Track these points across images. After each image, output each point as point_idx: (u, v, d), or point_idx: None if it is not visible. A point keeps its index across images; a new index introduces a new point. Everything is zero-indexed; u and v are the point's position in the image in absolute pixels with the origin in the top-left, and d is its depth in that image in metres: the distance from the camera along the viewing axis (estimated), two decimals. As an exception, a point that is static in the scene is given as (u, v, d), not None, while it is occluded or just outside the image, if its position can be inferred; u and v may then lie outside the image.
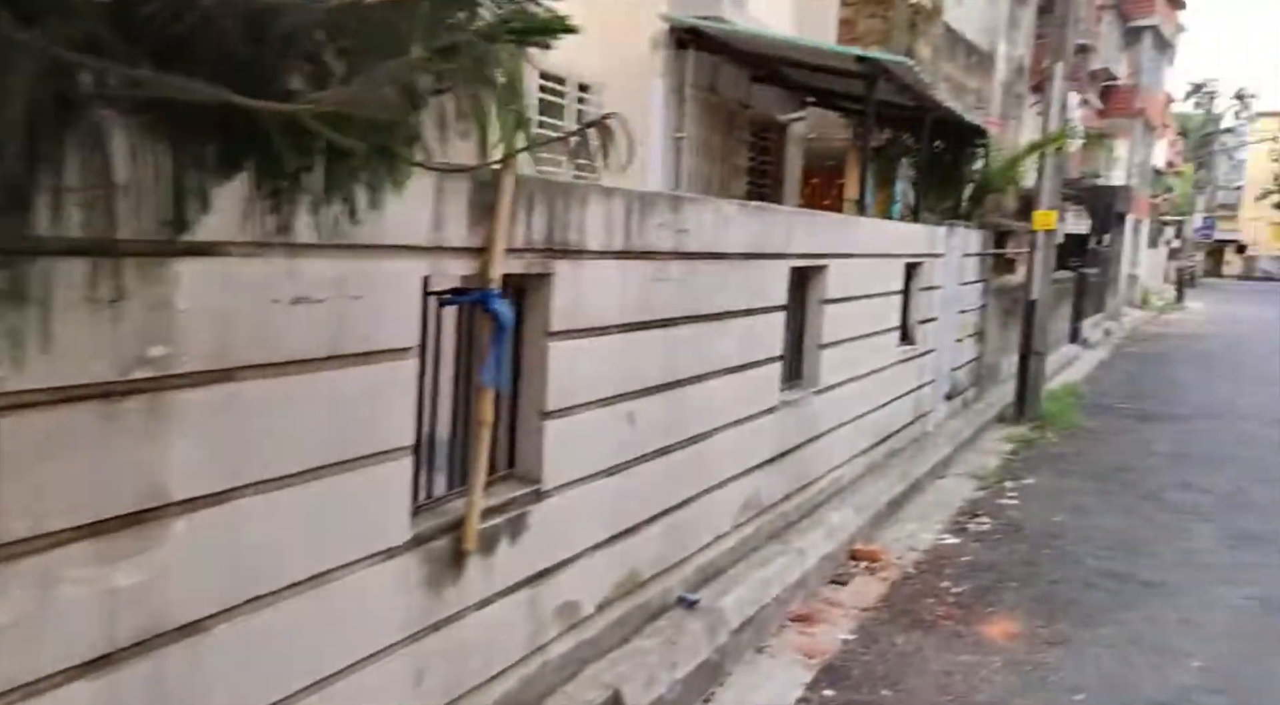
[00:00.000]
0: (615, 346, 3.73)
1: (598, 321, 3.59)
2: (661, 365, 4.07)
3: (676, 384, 4.20)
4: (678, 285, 4.13)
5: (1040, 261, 10.95)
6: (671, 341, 4.13)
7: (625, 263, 3.74)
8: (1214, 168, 52.23)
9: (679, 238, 4.10)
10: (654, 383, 4.02)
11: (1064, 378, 14.73)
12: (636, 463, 3.94)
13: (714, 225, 4.43)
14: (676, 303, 4.14)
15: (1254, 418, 11.50)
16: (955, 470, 8.35)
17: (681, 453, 4.31)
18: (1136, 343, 21.36)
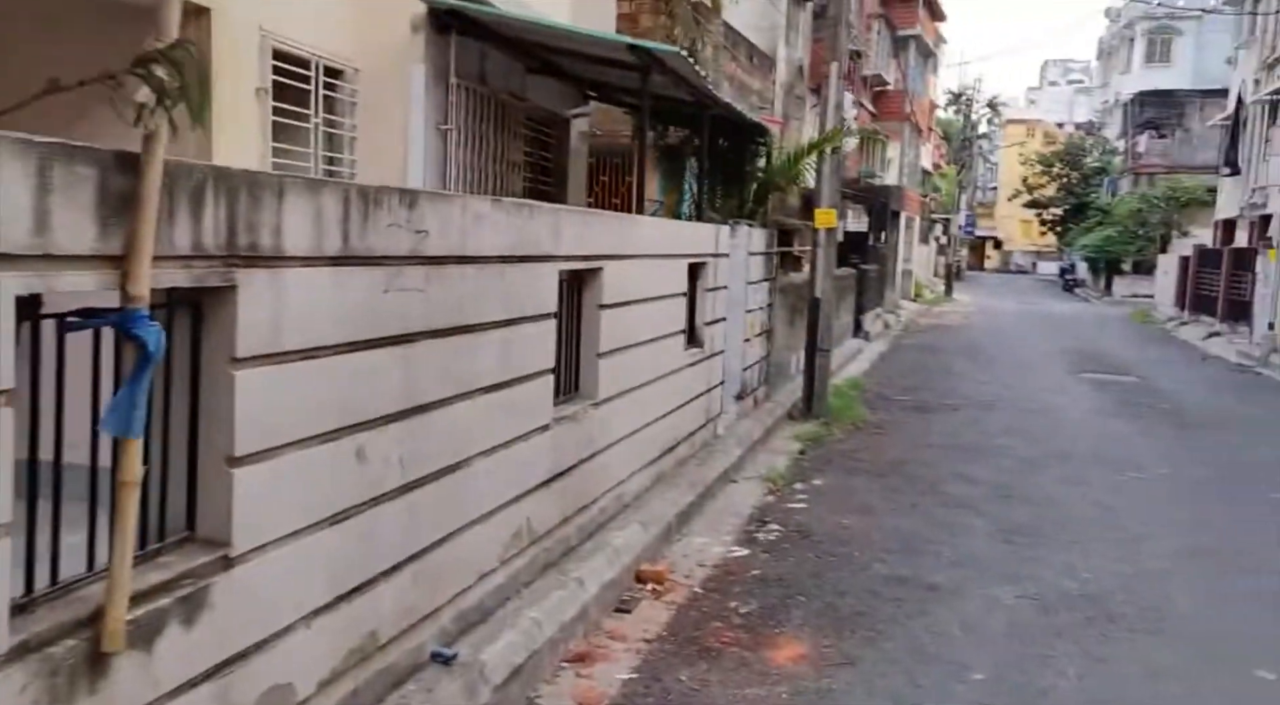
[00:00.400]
0: (334, 371, 3.10)
1: (307, 342, 2.95)
2: (400, 389, 3.47)
3: (421, 409, 3.62)
4: (417, 295, 3.54)
5: (823, 259, 11.10)
6: (412, 361, 3.54)
7: (344, 270, 3.12)
8: (973, 169, 56.71)
9: (417, 240, 3.51)
10: (391, 410, 3.42)
11: (849, 372, 15.20)
12: (370, 506, 3.33)
13: (464, 225, 3.87)
14: (417, 315, 3.55)
15: (1015, 406, 12.19)
16: (746, 474, 8.19)
17: (431, 487, 3.73)
18: (912, 334, 22.57)
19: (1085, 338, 22.69)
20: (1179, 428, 10.99)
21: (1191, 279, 27.35)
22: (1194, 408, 12.51)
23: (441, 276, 3.70)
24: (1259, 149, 26.21)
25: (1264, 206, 25.49)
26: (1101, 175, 51.20)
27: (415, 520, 3.63)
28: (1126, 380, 15.14)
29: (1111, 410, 12.04)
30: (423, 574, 3.70)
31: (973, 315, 29.47)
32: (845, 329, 17.99)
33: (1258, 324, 19.62)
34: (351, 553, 3.24)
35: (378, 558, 3.41)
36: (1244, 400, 13.62)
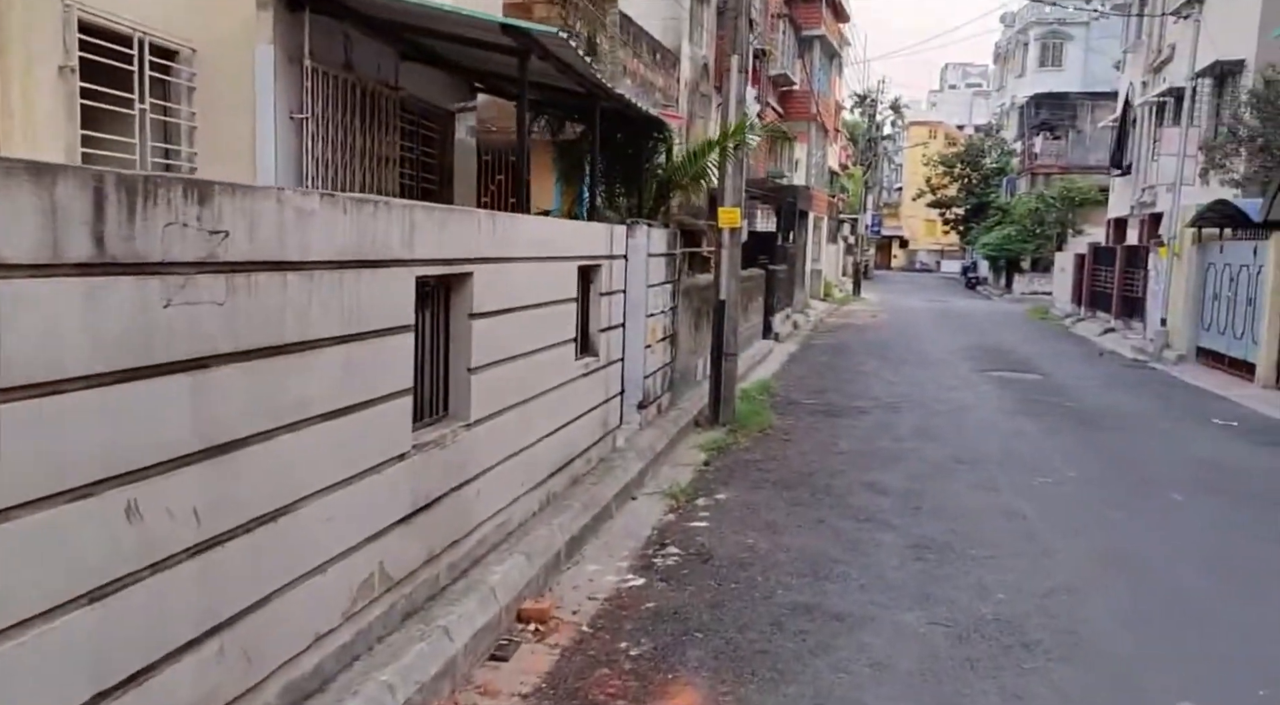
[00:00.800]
0: (89, 408, 2.46)
1: (41, 375, 2.31)
2: (192, 426, 2.84)
3: (224, 448, 2.98)
4: (215, 310, 2.91)
5: (727, 260, 10.70)
6: (210, 390, 2.91)
7: (100, 282, 2.47)
8: (879, 170, 57.68)
9: (213, 243, 2.88)
10: (178, 453, 2.78)
11: (758, 375, 14.88)
12: (149, 573, 2.68)
13: (282, 224, 3.24)
14: (215, 334, 2.92)
15: (923, 406, 12.00)
16: (647, 489, 7.70)
17: (243, 541, 3.10)
18: (821, 334, 22.49)
19: (988, 335, 22.97)
20: (1082, 426, 10.92)
21: (1087, 276, 28.06)
22: (1095, 405, 12.53)
23: (251, 287, 3.07)
24: (1147, 149, 27.04)
25: (1153, 205, 26.28)
26: (1000, 175, 52.58)
27: (220, 583, 2.99)
28: (1029, 377, 15.20)
29: (1017, 409, 11.96)
30: (234, 645, 3.07)
31: (880, 314, 29.70)
32: (755, 330, 17.72)
33: (1150, 320, 20.09)
34: (123, 633, 2.60)
35: (166, 634, 2.76)
36: (1140, 396, 13.76)
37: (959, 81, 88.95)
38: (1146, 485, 8.12)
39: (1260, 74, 18.06)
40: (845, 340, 20.99)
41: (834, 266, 45.01)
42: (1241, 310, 15.50)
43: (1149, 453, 9.60)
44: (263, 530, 3.20)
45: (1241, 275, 15.63)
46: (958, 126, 74.60)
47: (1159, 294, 19.41)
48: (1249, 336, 15.13)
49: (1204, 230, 17.61)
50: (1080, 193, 38.71)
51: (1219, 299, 16.62)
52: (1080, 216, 38.82)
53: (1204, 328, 17.28)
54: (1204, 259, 17.51)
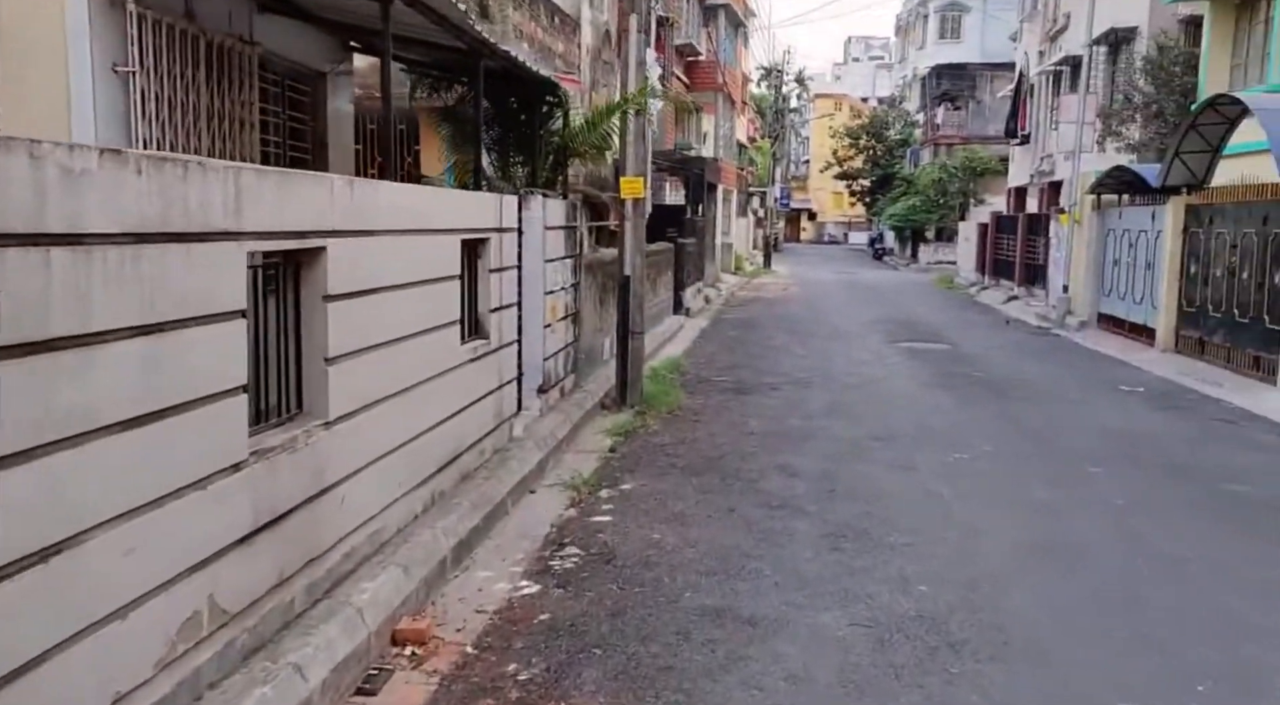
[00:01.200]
0: None
1: None
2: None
3: (-41, 478, 2.30)
4: (-68, 298, 2.22)
5: (631, 233, 10.15)
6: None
7: None
8: (786, 142, 57.86)
9: (-75, 209, 2.18)
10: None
11: (668, 352, 14.42)
12: None
13: (40, 188, 2.55)
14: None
15: (835, 380, 11.72)
16: (548, 481, 7.14)
17: None
18: (733, 309, 22.21)
19: (897, 305, 23.03)
20: (993, 397, 10.78)
21: (990, 245, 28.47)
22: (1004, 374, 12.46)
23: (-8, 267, 2.38)
24: (1045, 118, 27.48)
25: (1052, 173, 26.75)
26: (904, 147, 53.28)
27: (-39, 651, 2.33)
28: (939, 348, 15.12)
29: (929, 380, 11.78)
30: (-11, 726, 2.41)
31: (791, 287, 29.64)
32: (664, 306, 17.27)
33: (1053, 287, 20.36)
34: None
35: None
36: (1047, 364, 13.79)
37: (862, 54, 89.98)
38: (1063, 458, 7.93)
39: (1153, 40, 18.32)
40: (756, 314, 20.73)
41: (744, 240, 44.95)
42: (1141, 275, 15.71)
43: (1061, 423, 9.47)
44: (27, 576, 2.53)
45: (1140, 240, 15.82)
46: (862, 99, 75.47)
47: (1060, 261, 19.65)
48: (1148, 301, 15.33)
49: (1103, 196, 17.82)
50: (981, 163, 39.37)
51: (1119, 265, 16.85)
52: (982, 186, 39.51)
53: (1105, 293, 17.52)
54: (1104, 225, 17.73)
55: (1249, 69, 16.10)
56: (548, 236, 8.50)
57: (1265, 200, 11.73)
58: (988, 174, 39.36)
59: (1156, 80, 17.91)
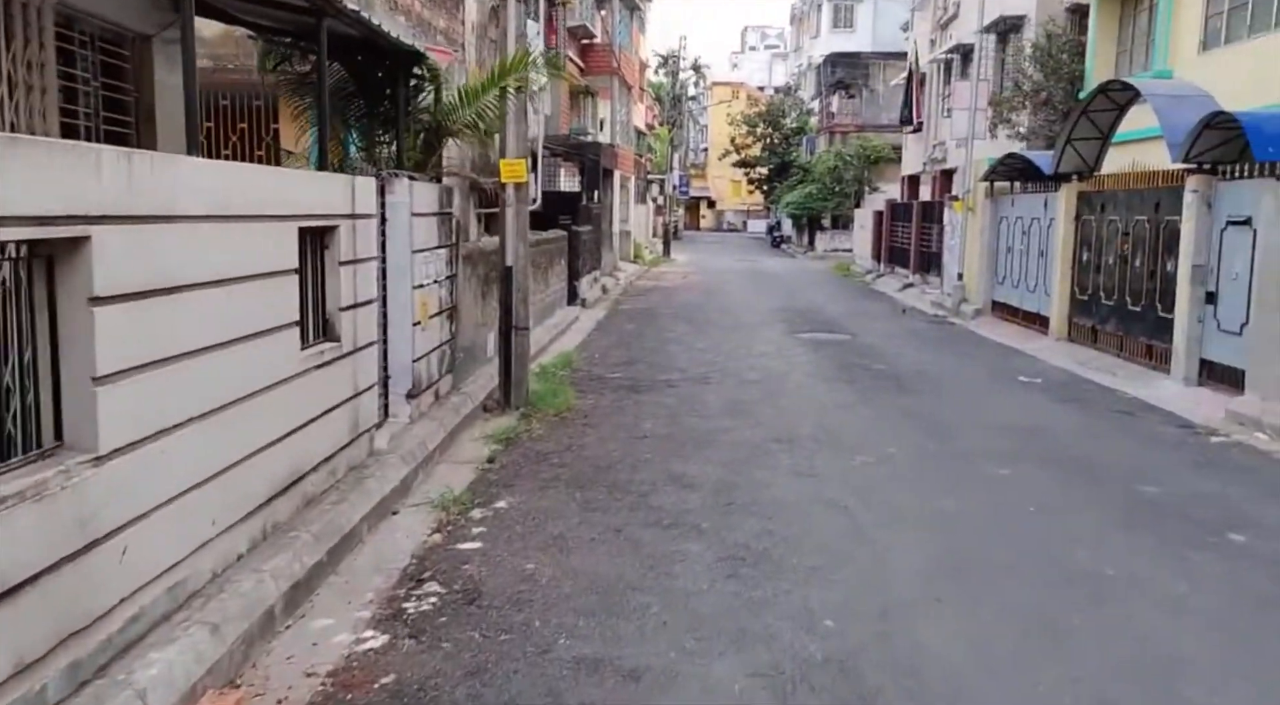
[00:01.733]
0: None
1: None
2: None
3: None
4: None
5: (513, 220, 9.36)
6: None
7: None
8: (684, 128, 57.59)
9: None
10: None
11: (562, 345, 13.68)
12: None
13: None
14: None
15: (734, 376, 11.19)
16: (414, 499, 6.35)
17: None
18: (631, 298, 21.58)
19: (795, 294, 22.80)
20: (895, 391, 10.41)
21: (886, 232, 28.60)
22: (904, 366, 12.15)
23: None
24: (938, 106, 27.70)
25: (944, 161, 26.98)
26: (800, 135, 53.61)
27: None
28: (839, 338, 14.80)
29: (830, 374, 11.35)
30: None
31: (690, 275, 29.21)
32: (558, 297, 16.49)
33: (947, 274, 20.39)
34: None
35: None
36: (945, 354, 13.59)
37: (758, 43, 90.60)
38: (970, 460, 7.53)
39: (1042, 28, 18.42)
40: (655, 304, 20.14)
41: (644, 227, 44.43)
42: (1034, 263, 15.70)
43: (965, 419, 9.12)
44: None
45: (1033, 228, 15.82)
46: (759, 88, 75.89)
47: (955, 249, 19.66)
48: (1042, 289, 15.33)
49: (996, 184, 17.83)
50: (875, 151, 39.76)
51: (1012, 252, 16.85)
52: (876, 174, 39.92)
53: (999, 281, 17.54)
54: (997, 212, 17.74)
55: (1134, 56, 16.26)
56: (416, 224, 7.64)
57: (1157, 187, 11.69)
58: (881, 162, 39.79)
59: (1045, 68, 18.00)
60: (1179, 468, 7.43)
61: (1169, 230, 11.26)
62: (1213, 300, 10.34)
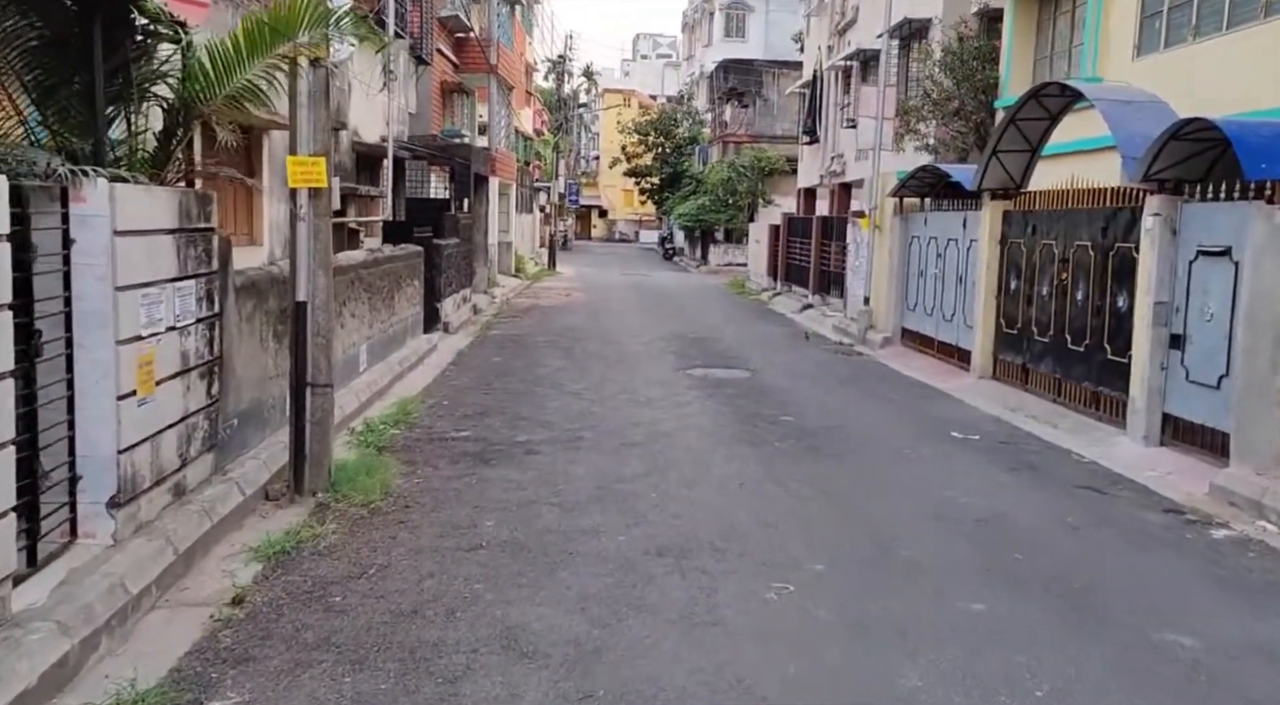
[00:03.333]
0: None
1: None
2: None
3: None
4: None
5: (307, 239, 6.89)
6: None
7: None
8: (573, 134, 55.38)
9: None
10: None
11: (405, 388, 11.20)
12: None
13: None
14: None
15: (612, 436, 8.95)
16: (70, 700, 3.86)
17: None
18: (505, 319, 19.16)
19: (689, 315, 20.80)
20: (810, 456, 8.37)
21: (782, 248, 26.96)
22: (817, 416, 10.16)
23: None
24: (835, 116, 26.24)
25: (842, 174, 25.52)
26: (693, 145, 52.11)
27: None
28: (738, 376, 12.76)
29: (730, 431, 9.24)
30: None
31: (575, 291, 26.94)
32: (411, 323, 13.93)
33: (852, 298, 18.72)
34: None
35: None
36: (859, 395, 11.72)
37: (650, 52, 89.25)
38: (926, 583, 5.46)
39: (953, 30, 16.93)
40: (530, 328, 17.78)
41: (529, 238, 41.95)
42: (951, 289, 14.04)
43: (904, 502, 7.11)
44: None
45: (950, 250, 14.16)
46: (651, 96, 74.32)
47: (860, 269, 17.98)
48: (960, 319, 13.67)
49: (906, 200, 16.19)
50: (769, 162, 38.37)
51: (925, 276, 15.20)
52: (771, 186, 38.54)
53: (910, 307, 15.88)
54: (907, 231, 16.09)
55: (1055, 63, 14.84)
56: (127, 248, 5.11)
57: (1103, 207, 10.04)
58: (776, 174, 38.44)
59: (956, 74, 16.49)
60: (1198, 593, 5.54)
61: (1120, 258, 9.61)
62: (1179, 345, 8.67)
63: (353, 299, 10.26)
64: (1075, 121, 11.37)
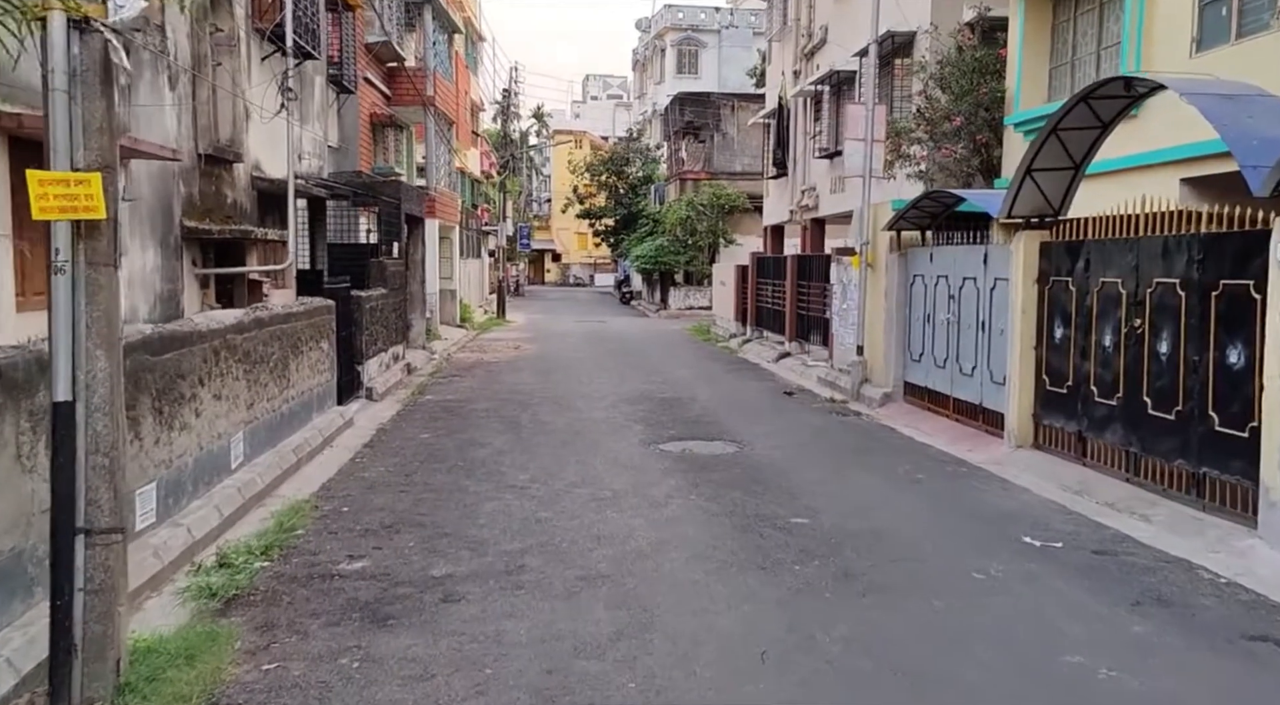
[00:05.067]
0: None
1: None
2: None
3: None
4: None
5: (68, 301, 4.33)
6: None
7: None
8: (521, 175, 53.15)
9: None
10: None
11: (298, 485, 8.59)
12: None
13: None
14: None
15: (567, 562, 6.42)
16: None
17: None
18: (443, 380, 16.56)
19: (654, 368, 18.37)
20: (849, 596, 5.91)
21: (751, 291, 24.74)
22: (837, 518, 7.73)
23: None
24: (805, 146, 24.24)
25: (815, 209, 23.44)
26: (648, 184, 50.19)
27: None
28: (723, 451, 10.31)
29: (731, 552, 6.74)
30: None
31: (525, 343, 24.39)
32: (318, 396, 11.30)
33: (839, 346, 16.45)
34: None
35: None
36: (880, 481, 9.34)
37: (601, 92, 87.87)
38: None
39: (951, 38, 14.90)
40: (471, 391, 15.20)
41: (477, 285, 39.40)
42: (969, 338, 11.79)
43: (1016, 687, 4.67)
44: None
45: (966, 291, 11.94)
46: (602, 137, 72.67)
47: (850, 314, 15.73)
48: (983, 373, 11.40)
49: (904, 233, 14.01)
50: (730, 200, 36.39)
51: (932, 322, 12.95)
52: (732, 225, 36.53)
53: (914, 358, 13.61)
54: (907, 270, 13.89)
55: (1078, 69, 12.81)
56: None
57: (1196, 233, 7.83)
58: (737, 211, 36.45)
59: (954, 89, 14.43)
60: None
61: (1229, 299, 7.37)
62: (1332, 415, 6.40)
63: (220, 375, 7.68)
64: (1129, 131, 9.22)
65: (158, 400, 6.39)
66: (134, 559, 5.74)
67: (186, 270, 11.48)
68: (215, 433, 7.56)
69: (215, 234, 11.82)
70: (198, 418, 7.14)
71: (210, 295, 12.29)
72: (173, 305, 10.87)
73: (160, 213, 10.61)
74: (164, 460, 6.48)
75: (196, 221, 11.62)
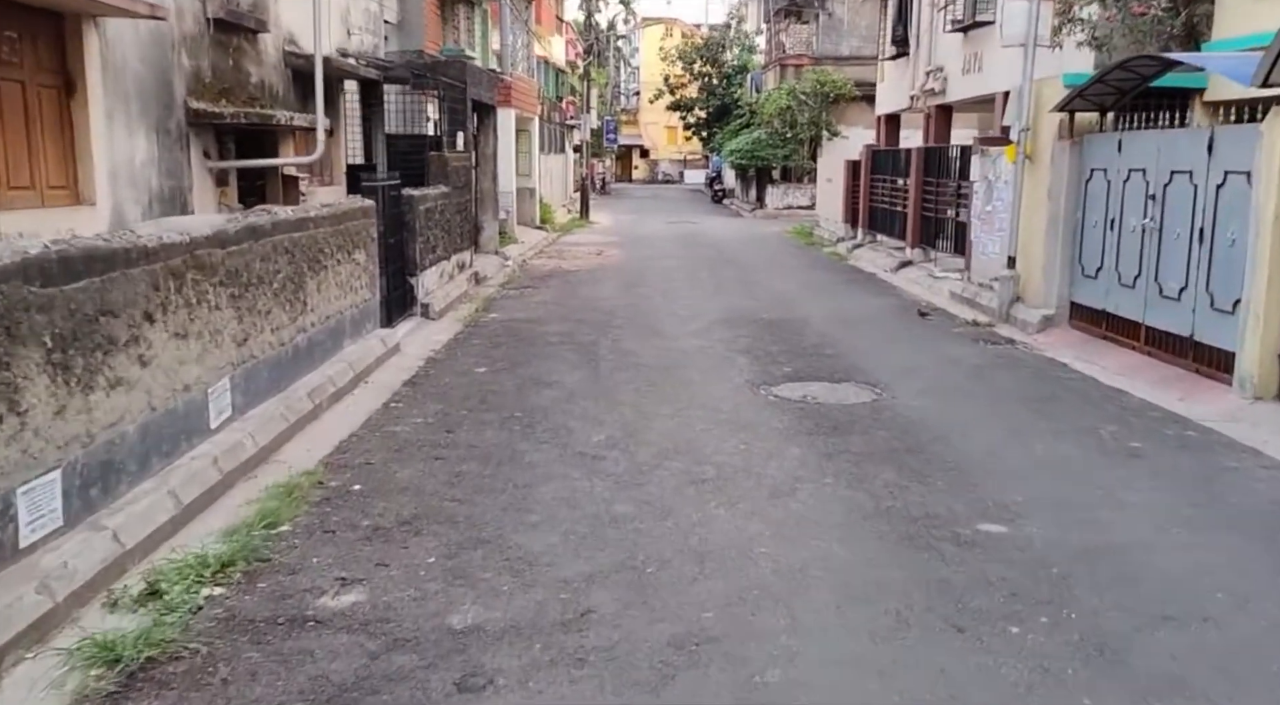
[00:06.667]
0: None
1: None
2: None
3: None
4: None
5: None
6: None
7: None
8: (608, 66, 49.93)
9: None
10: None
11: (306, 445, 6.64)
12: None
13: None
14: None
15: (655, 608, 4.27)
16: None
17: None
18: (514, 293, 14.50)
19: (755, 281, 15.92)
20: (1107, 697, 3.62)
21: (864, 188, 21.79)
22: (1049, 528, 5.38)
23: None
24: (933, 20, 20.79)
25: (943, 93, 20.18)
26: (743, 73, 46.46)
27: None
28: (859, 403, 7.96)
29: (896, 592, 4.49)
30: None
31: (609, 247, 22.13)
32: (358, 317, 9.32)
33: (981, 256, 13.70)
34: None
35: None
36: (1089, 451, 6.90)
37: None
38: None
39: None
40: (543, 308, 13.09)
41: (561, 183, 37.07)
42: (1177, 250, 9.03)
43: None
44: None
45: (1175, 189, 9.11)
46: (694, 25, 68.18)
47: (998, 217, 12.93)
48: (1197, 298, 8.69)
49: (1078, 115, 11.08)
50: (836, 87, 32.78)
51: (1117, 229, 10.16)
52: (837, 115, 33.01)
53: (1086, 274, 10.86)
54: (1082, 163, 11.01)
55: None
56: None
57: None
58: (843, 101, 32.88)
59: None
60: None
61: None
62: None
63: (186, 305, 5.65)
64: None
65: (59, 351, 4.38)
66: (4, 596, 3.82)
67: (196, 163, 9.46)
68: (180, 384, 5.58)
69: (230, 118, 9.74)
70: (145, 368, 5.15)
71: (230, 195, 10.31)
72: (175, 206, 8.91)
73: (155, 90, 8.54)
74: (77, 435, 4.51)
75: (209, 103, 9.54)
